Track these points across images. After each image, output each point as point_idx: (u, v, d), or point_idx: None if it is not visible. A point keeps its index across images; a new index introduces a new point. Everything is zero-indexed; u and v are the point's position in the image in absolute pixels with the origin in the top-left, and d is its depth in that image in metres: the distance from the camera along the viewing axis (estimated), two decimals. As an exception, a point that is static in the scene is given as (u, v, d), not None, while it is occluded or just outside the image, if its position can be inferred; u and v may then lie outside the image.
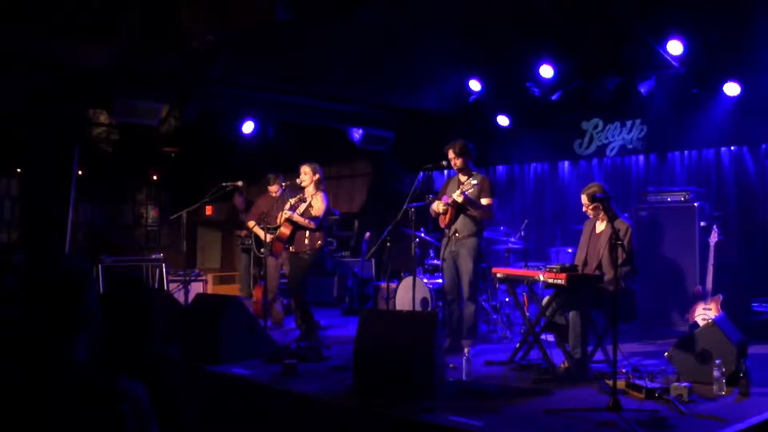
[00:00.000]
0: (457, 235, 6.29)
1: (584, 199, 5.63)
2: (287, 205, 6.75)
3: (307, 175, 6.73)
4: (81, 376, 1.67)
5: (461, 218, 6.28)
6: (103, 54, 6.92)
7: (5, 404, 1.62)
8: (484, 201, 6.21)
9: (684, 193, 7.26)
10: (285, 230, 6.61)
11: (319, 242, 6.66)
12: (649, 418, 4.06)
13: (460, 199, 6.08)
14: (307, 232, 6.62)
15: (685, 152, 7.91)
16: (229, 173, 8.71)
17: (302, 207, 6.58)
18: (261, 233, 7.56)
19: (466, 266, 6.23)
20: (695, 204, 7.11)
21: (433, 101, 9.18)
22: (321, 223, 6.71)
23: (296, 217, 6.53)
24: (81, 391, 1.64)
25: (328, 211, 6.89)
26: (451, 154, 6.34)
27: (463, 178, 6.40)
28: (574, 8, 6.87)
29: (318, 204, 6.60)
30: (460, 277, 6.28)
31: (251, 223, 7.95)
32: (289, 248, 6.72)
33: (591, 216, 5.74)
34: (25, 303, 1.70)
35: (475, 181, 6.00)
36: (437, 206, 6.36)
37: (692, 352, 4.90)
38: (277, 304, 8.16)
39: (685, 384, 4.48)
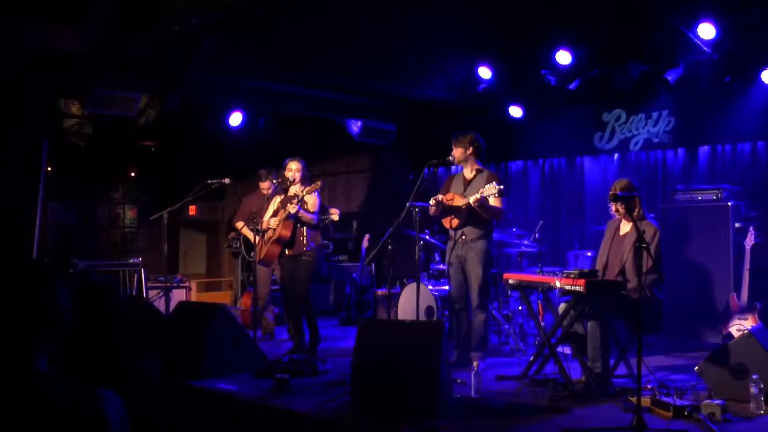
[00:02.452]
0: (464, 237, 6.26)
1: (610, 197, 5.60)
2: (276, 205, 6.75)
3: (299, 172, 6.75)
4: (50, 391, 1.63)
5: (470, 219, 6.25)
6: (75, 38, 6.90)
7: None
8: (492, 200, 6.17)
9: (716, 191, 7.24)
10: (286, 231, 6.59)
11: (319, 240, 6.72)
12: (678, 439, 4.04)
13: (475, 204, 6.03)
14: (305, 231, 6.64)
15: (718, 147, 7.88)
16: (215, 169, 8.71)
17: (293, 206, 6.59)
18: (250, 235, 7.55)
19: (475, 272, 6.21)
20: (729, 203, 7.08)
21: (438, 90, 9.17)
22: (320, 221, 6.76)
23: (302, 213, 6.54)
24: (54, 407, 1.60)
25: (323, 209, 6.91)
26: (456, 146, 6.32)
27: (468, 174, 6.39)
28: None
29: (312, 200, 6.64)
30: (469, 283, 6.26)
31: (240, 224, 7.95)
32: (286, 252, 6.70)
33: (618, 216, 5.71)
34: None
35: (501, 186, 5.91)
36: (432, 203, 6.27)
37: (726, 366, 4.87)
38: (267, 313, 8.16)
39: (717, 402, 4.45)
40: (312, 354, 6.53)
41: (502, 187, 5.88)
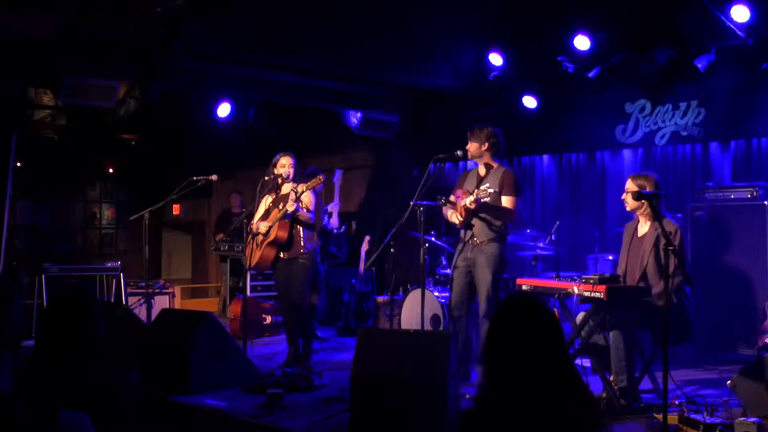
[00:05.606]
0: (474, 239, 6.25)
1: (628, 185, 5.60)
2: (267, 205, 6.77)
3: (292, 168, 6.77)
4: (9, 410, 1.62)
5: (479, 221, 6.24)
6: (46, 22, 6.90)
7: None
8: (505, 200, 6.15)
9: (752, 189, 7.22)
10: (282, 233, 6.61)
11: (316, 241, 6.78)
12: (709, 461, 4.04)
13: (472, 206, 6.04)
14: (302, 233, 6.67)
15: (753, 140, 7.87)
16: (201, 165, 8.70)
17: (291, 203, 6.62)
18: None
19: (485, 277, 6.18)
20: (766, 202, 7.07)
21: (445, 78, 9.16)
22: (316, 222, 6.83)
23: (300, 213, 6.57)
24: (13, 426, 1.60)
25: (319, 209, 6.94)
26: (472, 140, 6.30)
27: (483, 171, 6.37)
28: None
29: (308, 197, 6.68)
30: (477, 289, 6.24)
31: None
32: (281, 255, 6.71)
33: (636, 214, 5.71)
34: None
35: (491, 189, 5.93)
36: (452, 216, 6.30)
37: (762, 381, 4.85)
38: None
39: (753, 419, 4.44)
40: (305, 366, 6.52)
41: (492, 190, 5.88)
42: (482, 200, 5.93)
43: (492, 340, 2.27)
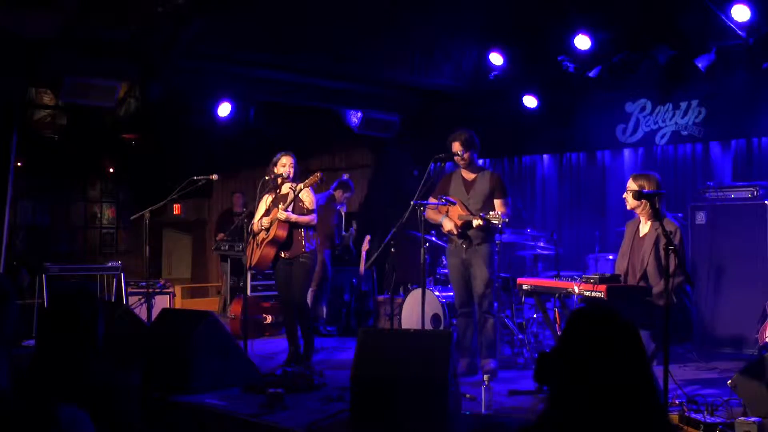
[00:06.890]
0: (466, 241, 6.34)
1: (629, 184, 5.60)
2: (267, 204, 6.79)
3: (292, 168, 6.79)
4: (9, 406, 1.62)
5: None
6: (47, 21, 6.90)
7: None
8: (498, 203, 6.28)
9: (752, 188, 7.23)
10: (281, 232, 6.65)
11: (318, 241, 6.77)
12: (710, 460, 4.03)
13: (477, 227, 6.19)
14: (303, 232, 6.68)
15: (754, 140, 7.87)
16: (201, 165, 8.71)
17: (290, 205, 6.62)
18: None
19: (482, 275, 6.29)
20: (766, 201, 7.07)
21: (446, 78, 9.16)
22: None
23: (295, 217, 6.59)
24: (11, 423, 1.60)
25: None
26: (457, 147, 6.36)
27: (470, 175, 6.44)
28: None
29: (309, 197, 6.69)
30: (474, 288, 6.32)
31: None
32: (281, 254, 6.73)
33: (638, 214, 5.70)
34: None
35: (506, 219, 6.09)
36: (446, 224, 6.37)
37: (763, 380, 4.84)
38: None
39: (753, 419, 4.43)
40: (305, 365, 6.53)
41: (507, 220, 6.04)
42: (491, 222, 6.04)
43: (565, 353, 2.09)
